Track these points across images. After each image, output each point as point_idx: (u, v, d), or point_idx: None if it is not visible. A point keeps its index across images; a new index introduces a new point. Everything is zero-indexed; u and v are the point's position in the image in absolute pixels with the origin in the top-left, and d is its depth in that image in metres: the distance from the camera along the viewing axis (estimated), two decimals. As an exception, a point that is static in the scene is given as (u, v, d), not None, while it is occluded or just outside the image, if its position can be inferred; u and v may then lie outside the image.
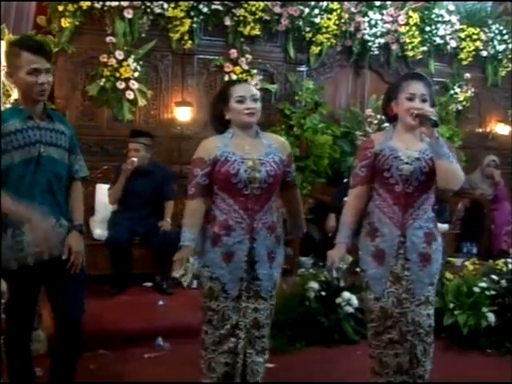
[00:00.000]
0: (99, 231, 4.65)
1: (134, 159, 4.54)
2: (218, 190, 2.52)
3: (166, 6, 5.29)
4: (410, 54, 6.33)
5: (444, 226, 5.42)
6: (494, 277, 4.11)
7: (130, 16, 5.17)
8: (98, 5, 5.09)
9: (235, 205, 2.48)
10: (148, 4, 5.24)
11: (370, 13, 6.04)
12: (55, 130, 2.47)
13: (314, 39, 5.89)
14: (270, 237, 2.54)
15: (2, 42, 4.32)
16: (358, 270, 2.81)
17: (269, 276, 2.55)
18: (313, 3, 5.77)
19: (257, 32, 5.65)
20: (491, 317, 3.83)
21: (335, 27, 5.91)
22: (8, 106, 4.35)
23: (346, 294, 3.90)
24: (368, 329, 2.75)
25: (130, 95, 5.25)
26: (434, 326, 2.68)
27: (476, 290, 3.92)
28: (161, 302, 4.24)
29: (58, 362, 2.64)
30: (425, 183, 2.57)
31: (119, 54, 5.16)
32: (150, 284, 4.63)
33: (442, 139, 2.48)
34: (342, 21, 5.94)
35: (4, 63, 4.34)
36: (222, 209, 2.51)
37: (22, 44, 2.42)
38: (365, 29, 6.02)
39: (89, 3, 5.05)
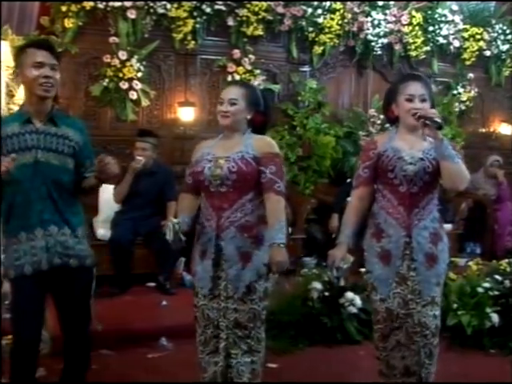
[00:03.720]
0: (102, 231, 4.65)
1: (141, 158, 4.53)
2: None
3: (169, 6, 5.30)
4: (413, 53, 6.33)
5: (447, 226, 5.39)
6: (497, 277, 4.10)
7: (133, 16, 5.18)
8: (101, 5, 5.10)
9: (207, 202, 2.53)
10: (151, 4, 5.25)
11: (373, 13, 6.05)
12: (57, 134, 2.36)
13: (316, 39, 5.90)
14: (242, 236, 2.45)
15: (4, 42, 4.34)
16: (361, 270, 2.81)
17: (237, 277, 2.45)
18: (316, 3, 5.78)
19: (260, 32, 5.65)
20: (495, 317, 3.82)
21: (338, 27, 5.91)
22: (12, 106, 4.37)
23: (350, 295, 3.89)
24: (374, 331, 2.72)
25: (133, 95, 5.26)
26: (440, 328, 2.66)
27: (479, 290, 3.90)
28: (164, 302, 4.25)
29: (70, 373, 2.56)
30: (429, 183, 2.56)
31: (122, 55, 5.17)
32: (152, 284, 4.62)
33: (446, 140, 2.48)
34: (345, 21, 5.95)
35: (7, 63, 4.39)
36: (201, 207, 2.58)
37: (28, 43, 2.44)
38: (368, 29, 6.03)
39: (92, 4, 5.06)
